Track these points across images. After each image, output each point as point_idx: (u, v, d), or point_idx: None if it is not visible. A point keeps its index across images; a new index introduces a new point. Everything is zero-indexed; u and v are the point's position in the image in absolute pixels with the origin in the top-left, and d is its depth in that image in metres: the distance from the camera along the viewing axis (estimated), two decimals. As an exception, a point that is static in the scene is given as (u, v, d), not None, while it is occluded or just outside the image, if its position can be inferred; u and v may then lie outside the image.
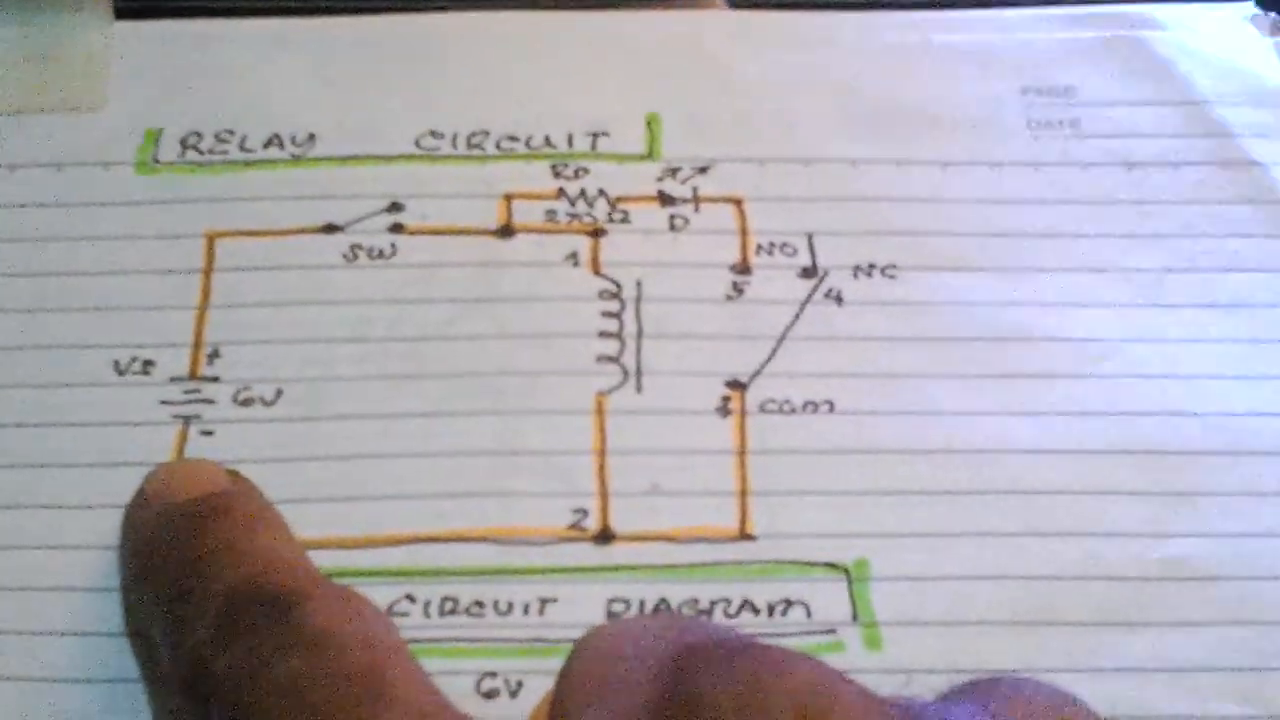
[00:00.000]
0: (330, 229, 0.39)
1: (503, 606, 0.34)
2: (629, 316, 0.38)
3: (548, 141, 0.41)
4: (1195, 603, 0.34)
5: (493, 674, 0.33)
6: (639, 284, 0.38)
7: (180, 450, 0.36)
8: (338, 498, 0.35)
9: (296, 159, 0.40)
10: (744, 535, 0.35)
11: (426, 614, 0.34)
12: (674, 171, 0.40)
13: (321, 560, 0.33)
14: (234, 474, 0.30)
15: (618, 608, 0.34)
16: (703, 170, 0.40)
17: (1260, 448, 0.36)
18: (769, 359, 0.37)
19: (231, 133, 0.41)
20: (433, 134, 0.41)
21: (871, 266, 0.39)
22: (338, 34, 0.42)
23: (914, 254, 0.39)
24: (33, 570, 0.34)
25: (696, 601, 0.34)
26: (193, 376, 0.37)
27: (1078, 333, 0.38)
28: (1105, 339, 0.38)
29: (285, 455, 0.35)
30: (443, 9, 0.43)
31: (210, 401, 0.36)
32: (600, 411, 0.36)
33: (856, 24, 0.43)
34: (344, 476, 0.35)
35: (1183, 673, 0.33)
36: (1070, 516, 0.35)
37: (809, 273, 0.38)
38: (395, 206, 0.39)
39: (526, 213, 0.39)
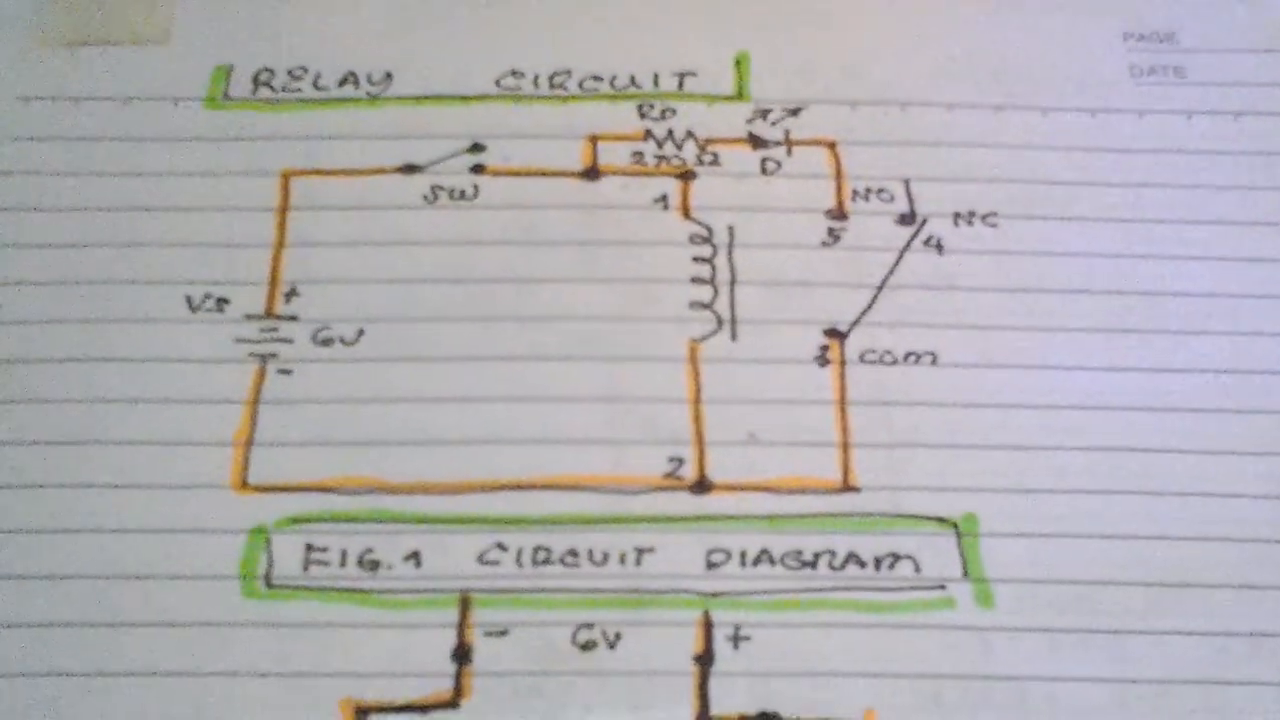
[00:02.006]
0: (410, 169, 0.37)
1: (598, 556, 0.32)
2: (721, 262, 0.36)
3: (633, 81, 0.39)
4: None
5: (589, 625, 0.32)
6: (731, 229, 0.37)
7: (258, 388, 0.34)
8: (423, 440, 0.34)
9: (373, 98, 0.39)
10: (847, 487, 0.33)
11: (519, 563, 0.32)
12: (764, 113, 0.39)
13: (405, 506, 0.31)
14: None
15: (717, 558, 0.33)
16: (794, 112, 0.39)
17: None
18: (868, 308, 0.36)
19: (305, 70, 0.39)
20: (514, 73, 0.39)
21: (972, 214, 0.37)
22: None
23: (1015, 202, 0.37)
24: (105, 510, 0.32)
25: (800, 553, 0.32)
26: (269, 315, 0.35)
27: (1188, 287, 0.36)
28: (1216, 293, 0.36)
29: (369, 396, 0.34)
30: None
31: (288, 340, 0.35)
32: (694, 359, 0.35)
33: None
34: (429, 419, 0.34)
35: (1309, 636, 0.32)
36: (1183, 475, 0.34)
37: (907, 219, 0.37)
38: (476, 147, 0.38)
39: (612, 154, 0.38)
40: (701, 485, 0.33)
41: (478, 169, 0.38)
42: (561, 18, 0.40)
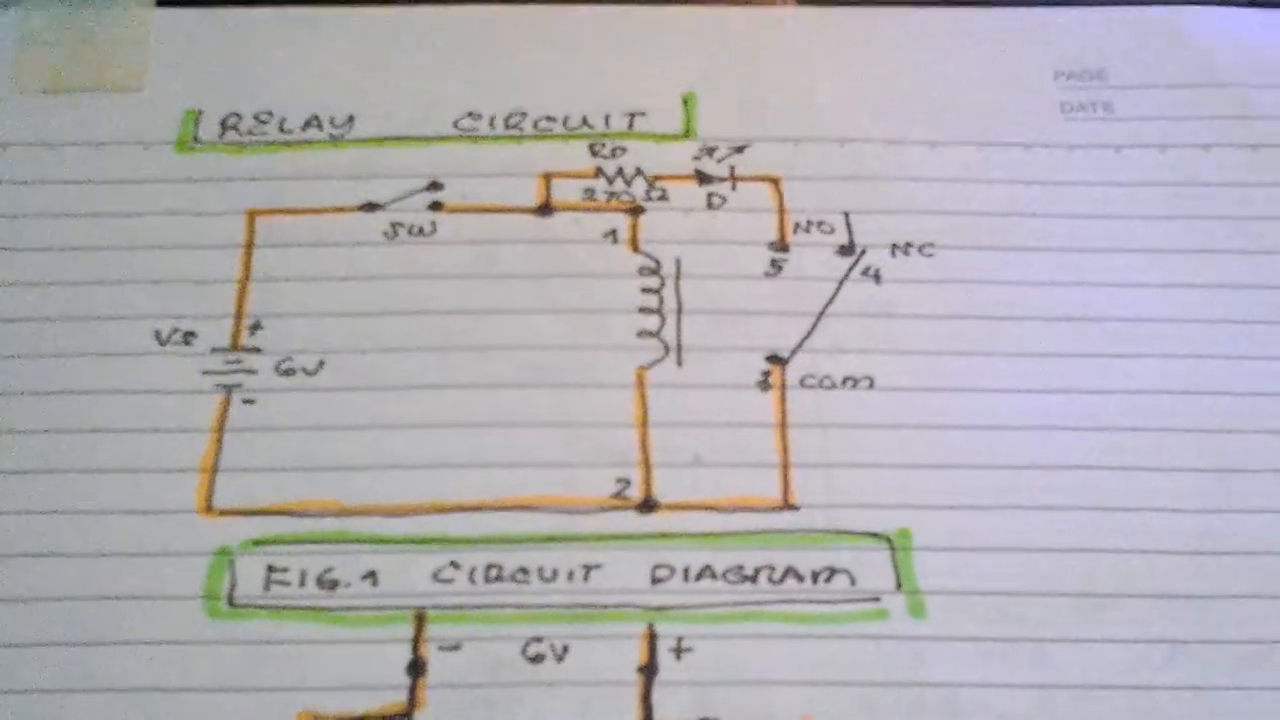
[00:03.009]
0: (370, 207, 0.39)
1: (547, 573, 0.34)
2: (668, 293, 0.38)
3: (585, 121, 0.41)
4: (1234, 576, 0.34)
5: (538, 639, 0.33)
6: (678, 261, 0.38)
7: (223, 417, 0.36)
8: (381, 465, 0.35)
9: (336, 140, 0.40)
10: (787, 505, 0.35)
11: (472, 580, 0.34)
12: (710, 150, 0.40)
13: (363, 527, 0.33)
14: None
15: (662, 574, 0.34)
16: (739, 149, 0.40)
17: None
18: (808, 335, 0.37)
19: (270, 114, 0.41)
20: (471, 115, 0.41)
21: (909, 245, 0.39)
22: (374, 21, 0.42)
23: (950, 233, 0.39)
24: (77, 535, 0.34)
25: (741, 568, 0.34)
26: (234, 347, 0.37)
27: (1116, 312, 0.38)
28: (1143, 318, 0.38)
29: (329, 423, 0.36)
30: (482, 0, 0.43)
31: (252, 371, 0.37)
32: (641, 385, 0.37)
33: (893, 16, 0.43)
34: (387, 445, 0.35)
35: (1229, 644, 0.33)
36: (1107, 491, 0.35)
37: (846, 250, 0.39)
38: (435, 185, 0.40)
39: (565, 191, 0.40)
40: (647, 505, 0.35)
41: (435, 206, 0.39)
42: (517, 61, 0.42)
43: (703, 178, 0.40)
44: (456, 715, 0.32)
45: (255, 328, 0.37)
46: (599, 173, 0.40)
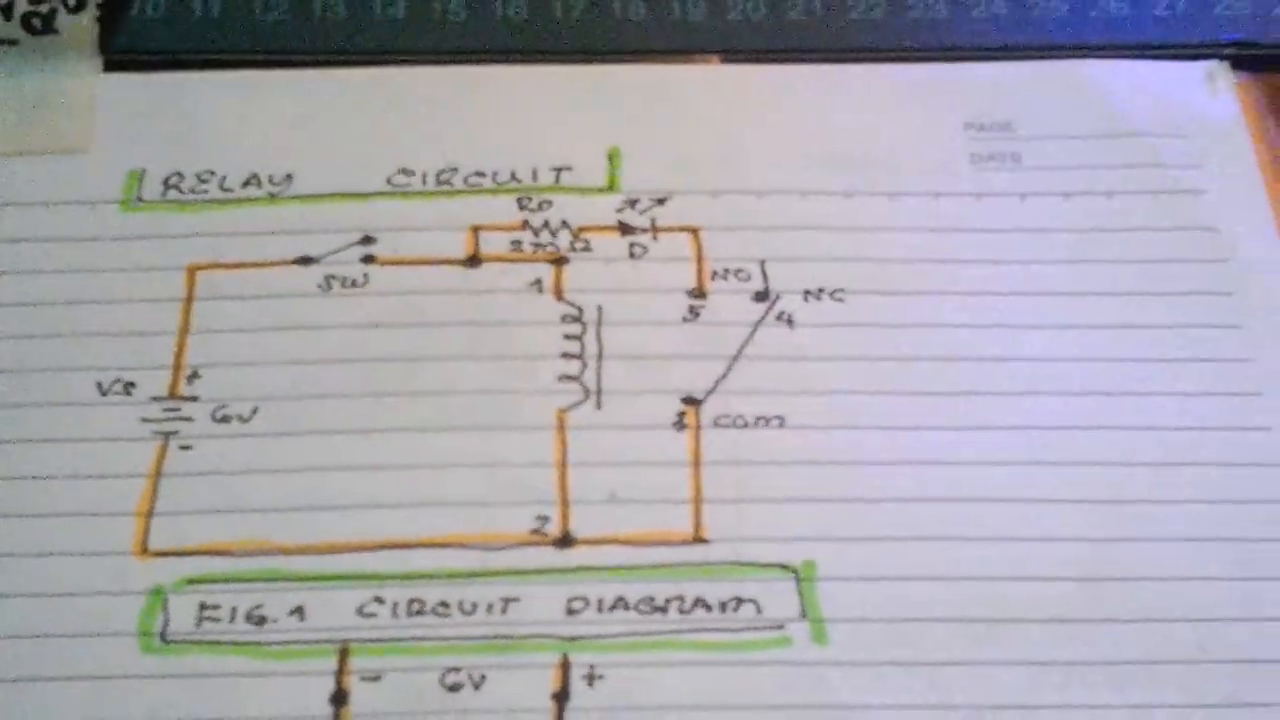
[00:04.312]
0: (305, 261, 0.41)
1: (467, 607, 0.36)
2: (590, 339, 0.40)
3: (513, 176, 0.43)
4: (1127, 601, 0.36)
5: (456, 669, 0.35)
6: (599, 308, 0.40)
7: (160, 463, 0.37)
8: (310, 506, 0.37)
9: (274, 197, 0.42)
10: (698, 539, 0.37)
11: (394, 614, 0.35)
12: (633, 203, 0.42)
13: (291, 565, 0.35)
14: None
15: (577, 605, 0.36)
16: (660, 201, 0.42)
17: (1186, 459, 0.38)
18: (723, 377, 0.39)
19: (212, 173, 0.43)
20: (403, 172, 0.43)
21: (821, 290, 0.41)
22: (311, 83, 0.44)
23: (862, 279, 0.41)
24: (17, 577, 0.36)
25: (652, 599, 0.36)
26: (172, 396, 0.39)
27: (1020, 352, 0.40)
28: (1046, 358, 0.40)
29: (261, 467, 0.37)
30: (413, 62, 0.45)
31: (189, 419, 0.38)
32: (562, 427, 0.38)
33: (811, 73, 0.45)
34: (317, 487, 0.37)
35: (1117, 665, 0.35)
36: (1010, 522, 0.37)
37: (762, 296, 0.40)
38: (368, 239, 0.41)
39: (493, 243, 0.42)
40: (565, 540, 0.37)
41: (368, 259, 0.41)
42: (448, 120, 0.44)
43: (625, 229, 0.42)
44: (377, 743, 0.33)
45: (193, 377, 0.39)
46: (525, 225, 0.42)
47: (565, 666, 0.35)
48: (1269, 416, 0.38)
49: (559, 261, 0.41)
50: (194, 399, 0.38)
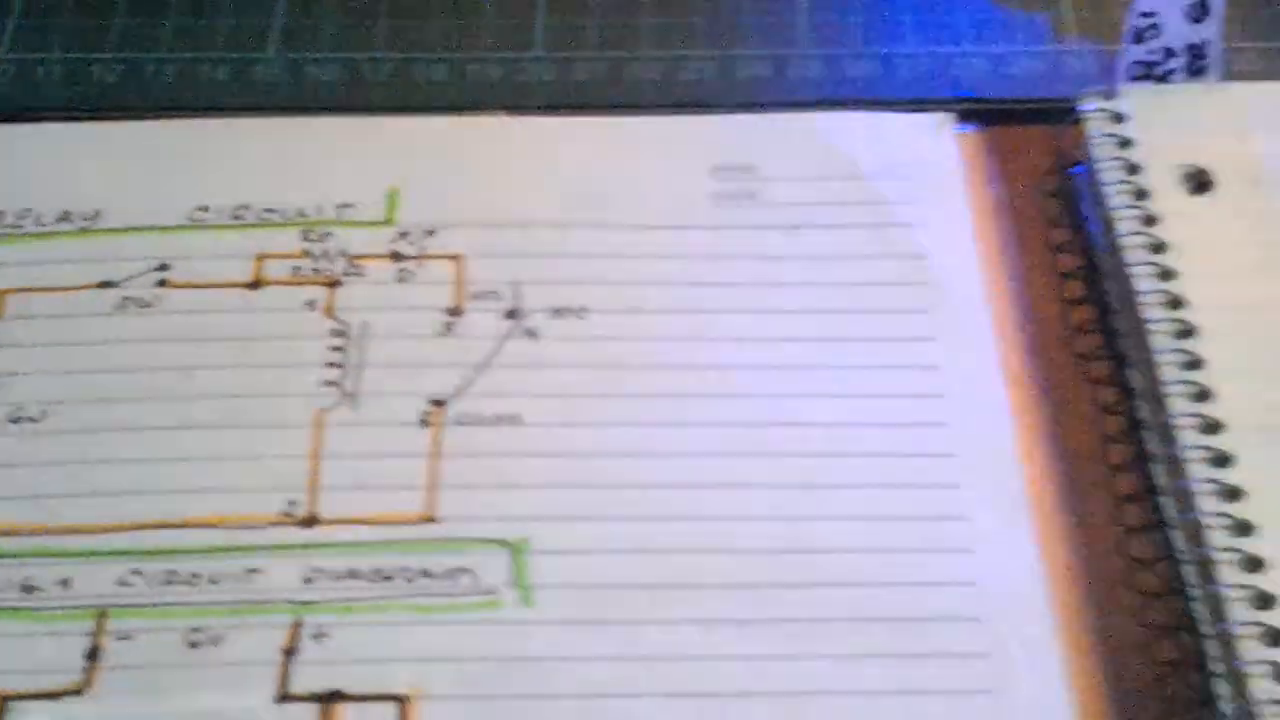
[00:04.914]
0: (106, 285, 0.46)
1: (215, 577, 0.40)
2: (353, 350, 0.45)
3: (300, 213, 0.48)
4: (807, 569, 0.41)
5: (199, 629, 0.39)
6: (365, 324, 0.45)
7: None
8: (89, 493, 0.42)
9: (83, 230, 0.48)
10: (428, 519, 0.41)
11: (150, 584, 0.40)
12: (405, 234, 0.48)
13: (63, 544, 0.41)
14: None
15: (313, 576, 0.40)
16: (430, 233, 0.48)
17: (872, 451, 0.43)
18: (469, 383, 0.44)
19: (29, 210, 0.48)
20: (202, 209, 0.48)
21: (566, 309, 0.46)
22: (122, 133, 0.50)
23: (605, 300, 0.46)
24: None
25: (381, 570, 0.41)
26: (-27, 403, 0.44)
27: (734, 361, 0.45)
28: (757, 366, 0.45)
29: (45, 460, 0.42)
30: (217, 114, 0.51)
31: (-14, 420, 0.43)
32: (319, 425, 0.43)
33: (578, 123, 0.52)
34: (92, 476, 0.42)
35: (791, 622, 0.40)
36: (707, 505, 0.42)
37: (512, 314, 0.46)
38: (164, 266, 0.47)
39: (276, 269, 0.47)
40: (309, 521, 0.41)
41: (162, 283, 0.46)
42: (248, 165, 0.49)
43: (396, 256, 0.47)
44: (123, 692, 0.38)
45: (-6, 384, 0.44)
46: (306, 254, 0.47)
47: (297, 626, 0.39)
48: (947, 414, 0.43)
49: (333, 284, 0.46)
50: (-8, 403, 0.43)
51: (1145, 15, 0.50)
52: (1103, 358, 0.46)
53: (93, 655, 0.38)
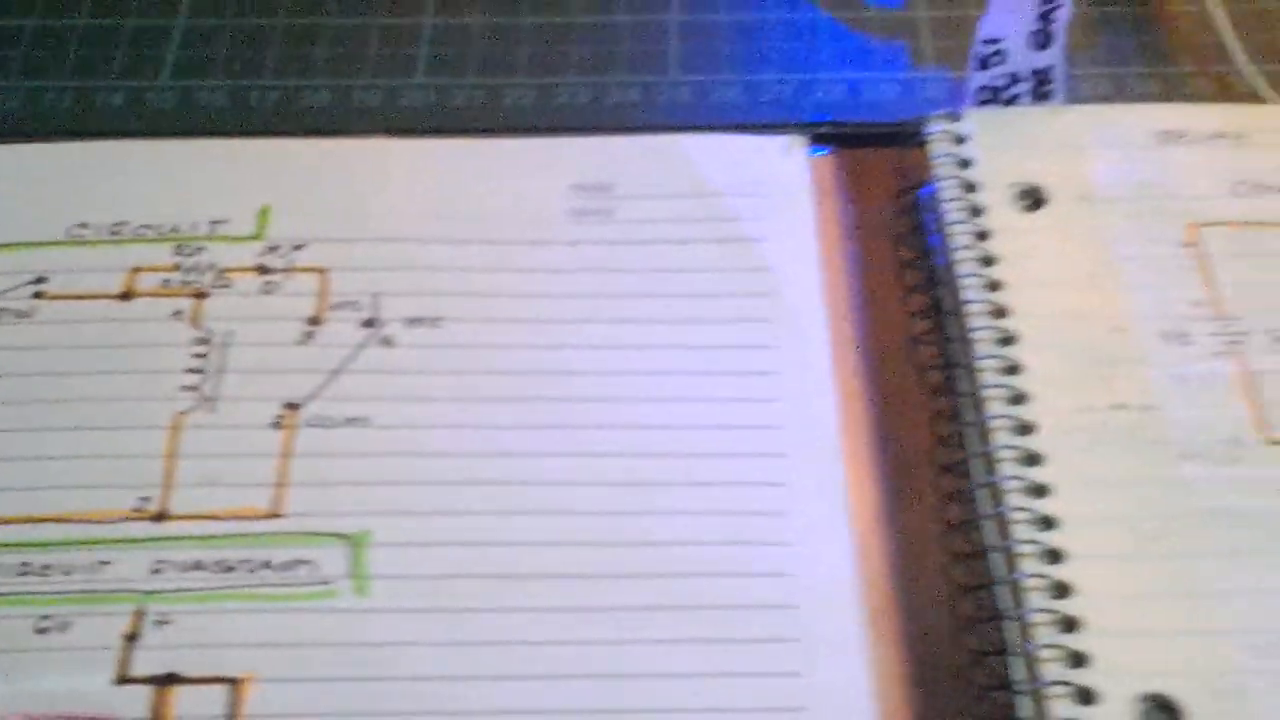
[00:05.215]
0: (-18, 297, 0.49)
1: (66, 569, 0.42)
2: (215, 357, 0.47)
3: (174, 229, 0.51)
4: (635, 561, 0.43)
5: (48, 617, 0.41)
6: (229, 333, 0.48)
7: None
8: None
9: (-34, 246, 0.50)
10: (274, 514, 0.44)
11: (3, 574, 0.42)
12: (274, 249, 0.50)
13: None
14: None
15: (160, 567, 0.43)
16: (299, 248, 0.50)
17: (707, 451, 0.45)
18: (324, 386, 0.46)
19: (-85, 230, 0.51)
20: (81, 225, 0.51)
21: (422, 319, 0.48)
22: (12, 156, 0.53)
23: (459, 309, 0.48)
24: None
25: (224, 562, 0.43)
26: None
27: (580, 368, 0.47)
28: (602, 372, 0.47)
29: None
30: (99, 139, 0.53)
31: None
32: (176, 427, 0.46)
33: (446, 145, 0.54)
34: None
35: (621, 610, 0.42)
36: (544, 500, 0.44)
37: (370, 323, 0.48)
38: (40, 279, 0.49)
39: (147, 281, 0.49)
40: (160, 516, 0.44)
41: (38, 295, 0.49)
42: (127, 184, 0.52)
43: (263, 270, 0.49)
44: (-30, 675, 0.40)
45: None
46: (178, 267, 0.49)
47: (140, 614, 0.41)
48: (779, 418, 0.46)
49: (201, 296, 0.48)
50: None
51: (989, 42, 0.52)
52: (940, 366, 0.48)
53: (-58, 641, 0.40)
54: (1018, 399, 0.45)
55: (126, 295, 0.48)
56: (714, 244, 0.50)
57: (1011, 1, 0.51)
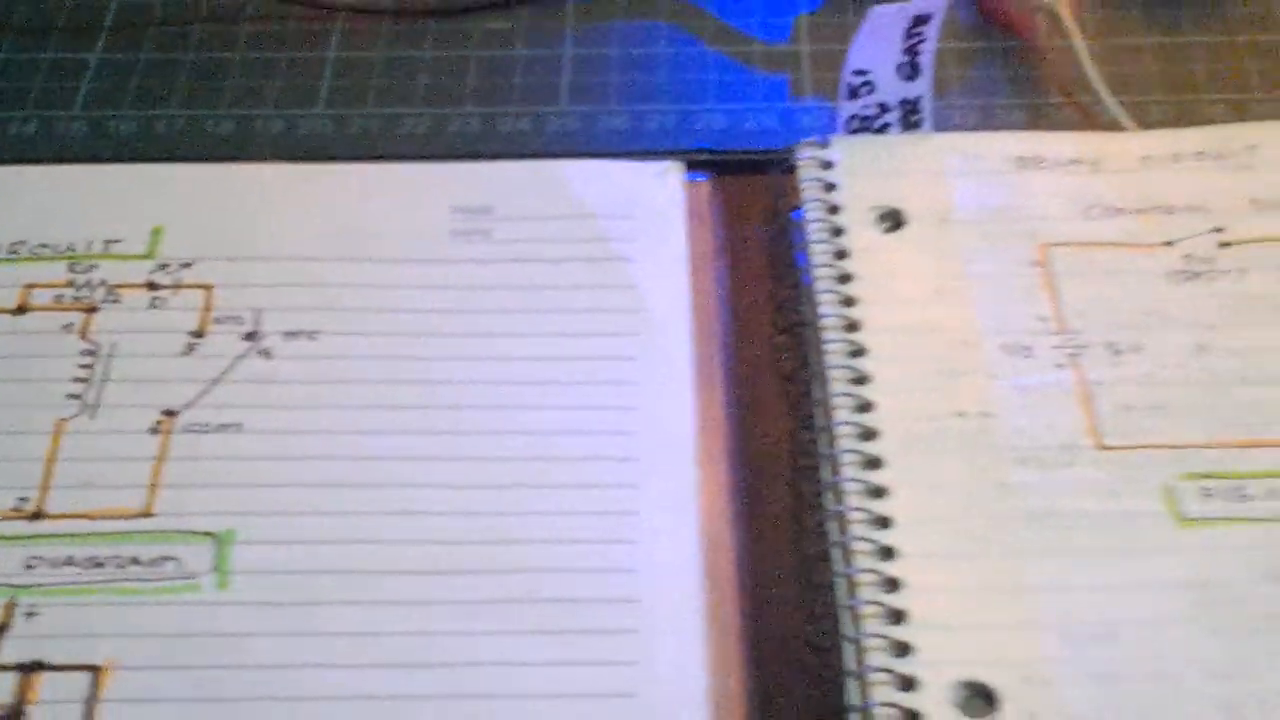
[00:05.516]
0: (-114, 312, 0.51)
1: None
2: (100, 367, 0.49)
3: (70, 248, 0.53)
4: (488, 558, 0.45)
5: (-79, 611, 0.44)
6: (115, 344, 0.50)
7: None
8: None
9: None
10: (146, 514, 0.46)
11: None
12: (164, 267, 0.52)
13: None
14: None
15: (34, 563, 0.45)
16: (187, 265, 0.52)
17: (557, 454, 0.47)
18: (201, 394, 0.49)
19: None
20: (-21, 245, 0.53)
21: (300, 332, 0.51)
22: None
23: (338, 323, 0.51)
24: None
25: (95, 558, 0.45)
26: None
27: (451, 377, 0.50)
28: (472, 382, 0.49)
29: None
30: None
31: None
32: (58, 432, 0.48)
33: (336, 170, 0.56)
34: None
35: (471, 603, 0.44)
36: (405, 501, 0.46)
37: (250, 336, 0.50)
38: (-63, 296, 0.51)
39: (41, 297, 0.52)
40: (36, 515, 0.46)
41: (-66, 310, 0.51)
42: (28, 206, 0.54)
43: (152, 286, 0.52)
44: None
45: None
46: (71, 284, 0.52)
47: (11, 606, 0.43)
48: (637, 424, 0.48)
49: (91, 310, 0.51)
50: None
51: (858, 73, 0.55)
52: (802, 379, 0.50)
53: None
54: (864, 407, 0.47)
55: (20, 309, 0.51)
56: (585, 263, 0.52)
57: (879, 33, 0.53)
